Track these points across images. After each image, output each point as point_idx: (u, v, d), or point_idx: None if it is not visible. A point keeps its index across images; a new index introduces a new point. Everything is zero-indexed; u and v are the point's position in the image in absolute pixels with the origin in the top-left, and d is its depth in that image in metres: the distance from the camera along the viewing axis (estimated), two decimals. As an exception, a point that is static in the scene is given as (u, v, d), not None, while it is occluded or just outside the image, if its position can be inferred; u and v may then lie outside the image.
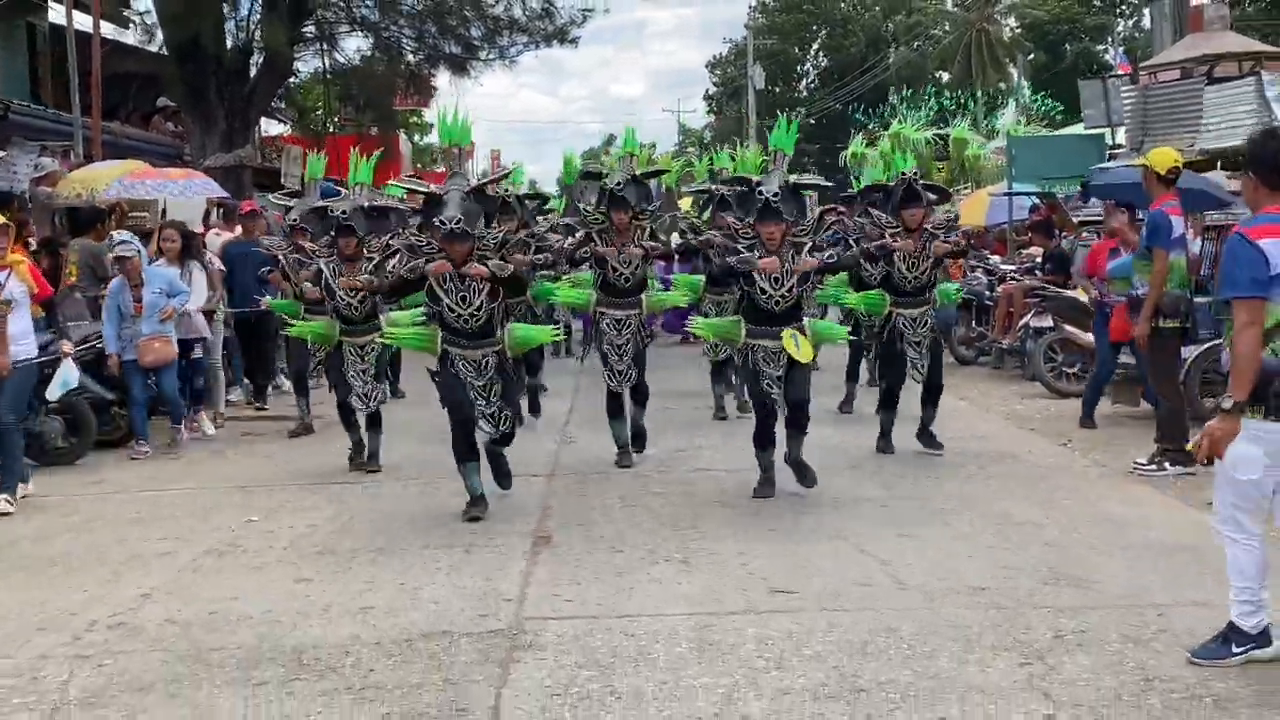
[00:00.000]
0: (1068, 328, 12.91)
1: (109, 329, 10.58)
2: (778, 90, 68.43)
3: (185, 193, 14.82)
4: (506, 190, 11.58)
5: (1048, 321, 13.34)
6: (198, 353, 11.61)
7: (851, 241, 11.37)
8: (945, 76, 59.65)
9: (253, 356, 13.51)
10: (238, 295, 12.92)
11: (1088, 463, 9.35)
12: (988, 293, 15.43)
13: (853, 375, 12.47)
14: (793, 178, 8.13)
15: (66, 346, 9.95)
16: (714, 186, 11.95)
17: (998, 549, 6.82)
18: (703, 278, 11.34)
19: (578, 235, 10.06)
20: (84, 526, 8.10)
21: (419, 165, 39.35)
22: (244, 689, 5.02)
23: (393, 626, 5.72)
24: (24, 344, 8.81)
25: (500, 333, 7.93)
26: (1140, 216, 10.26)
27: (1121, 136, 19.42)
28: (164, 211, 14.81)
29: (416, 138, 46.12)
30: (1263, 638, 4.93)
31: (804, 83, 72.22)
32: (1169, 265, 8.89)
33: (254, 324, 13.02)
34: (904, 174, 9.47)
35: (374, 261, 9.18)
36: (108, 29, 21.75)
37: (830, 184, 10.20)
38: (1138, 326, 9.12)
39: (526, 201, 12.41)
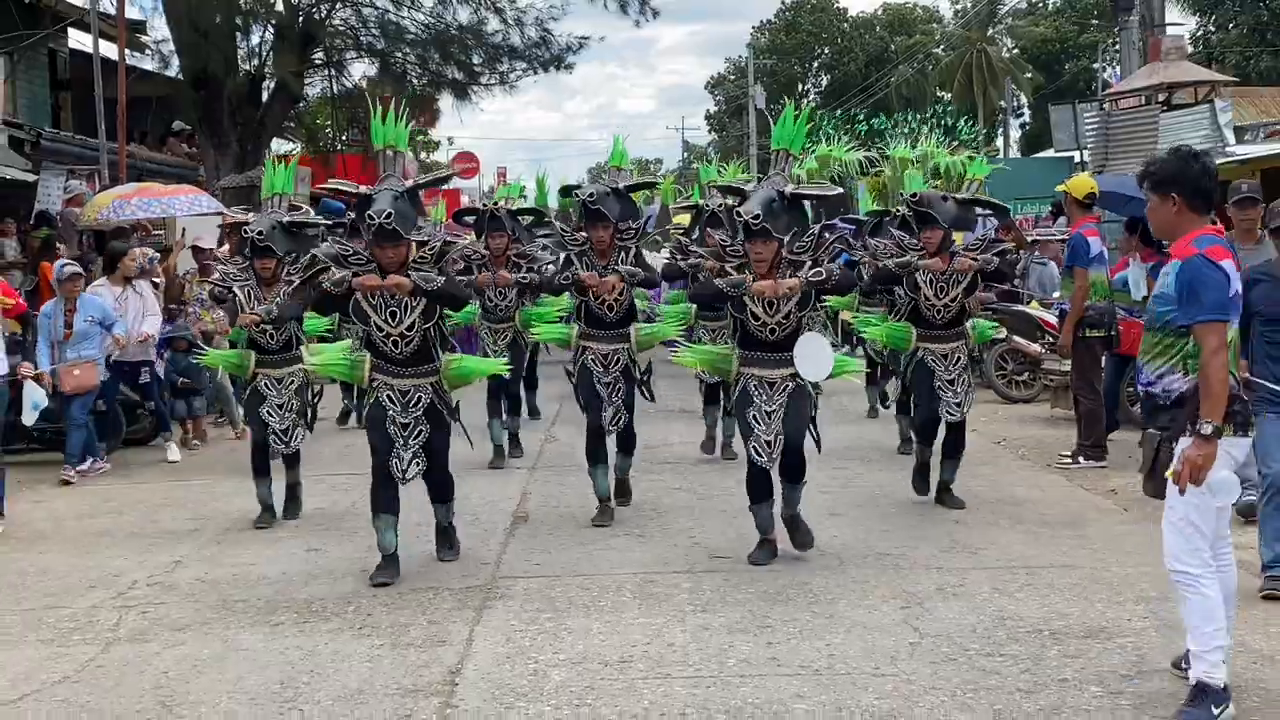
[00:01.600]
0: (1016, 339, 13.97)
1: (42, 348, 10.28)
2: (780, 107, 69.45)
3: (171, 209, 15.10)
4: (496, 204, 10.95)
5: (1000, 333, 14.39)
6: (145, 377, 11.26)
7: (861, 263, 11.29)
8: (946, 95, 60.91)
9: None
10: None
11: (1014, 457, 10.43)
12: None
13: (904, 409, 10.47)
14: (790, 188, 7.09)
15: (26, 369, 9.76)
16: (703, 201, 11.39)
17: (912, 524, 7.91)
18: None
19: (556, 261, 9.46)
20: (120, 510, 9.19)
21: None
22: (264, 628, 6.12)
23: (388, 583, 6.81)
24: None
25: (438, 362, 6.98)
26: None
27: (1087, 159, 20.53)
28: (183, 230, 15.86)
29: (424, 155, 47.33)
30: (1227, 692, 4.65)
31: (805, 101, 73.37)
32: (1089, 281, 9.93)
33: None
34: (910, 196, 8.61)
35: (293, 284, 8.08)
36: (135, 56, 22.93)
37: (838, 190, 8.78)
38: (1061, 336, 10.19)
39: (520, 217, 11.35)
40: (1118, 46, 56.60)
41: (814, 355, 7.00)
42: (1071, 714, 4.76)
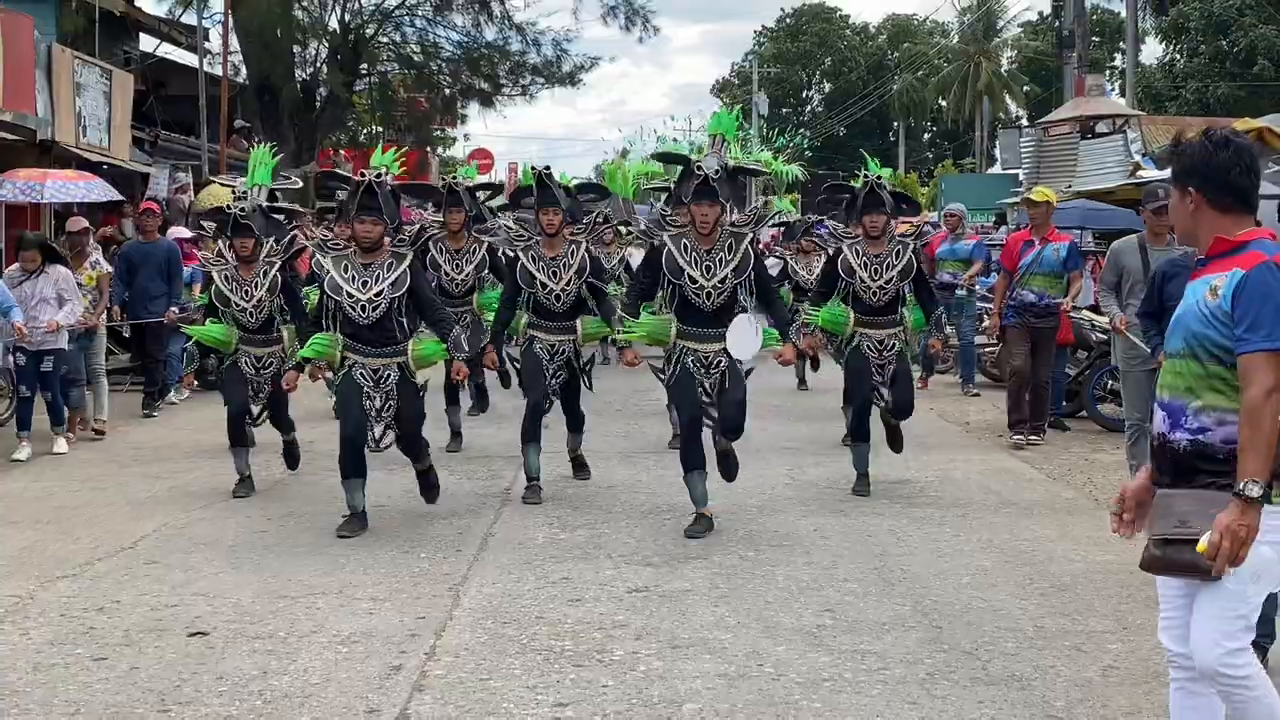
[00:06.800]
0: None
1: None
2: (784, 112, 72.22)
3: (89, 194, 15.11)
4: (456, 181, 10.76)
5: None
6: (47, 365, 10.50)
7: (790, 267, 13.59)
8: (945, 104, 63.96)
9: (146, 363, 13.20)
10: (136, 299, 12.65)
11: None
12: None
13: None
14: (731, 161, 7.52)
15: None
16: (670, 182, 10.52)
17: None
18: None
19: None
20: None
21: (444, 177, 44.44)
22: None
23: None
24: None
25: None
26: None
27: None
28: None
29: (440, 149, 50.89)
30: None
31: (808, 108, 76.38)
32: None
33: (149, 330, 12.91)
34: (868, 177, 8.76)
35: (274, 265, 8.60)
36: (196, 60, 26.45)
37: (766, 171, 9.44)
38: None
39: (478, 192, 11.38)
40: (1117, 63, 59.23)
41: (743, 335, 7.40)
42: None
